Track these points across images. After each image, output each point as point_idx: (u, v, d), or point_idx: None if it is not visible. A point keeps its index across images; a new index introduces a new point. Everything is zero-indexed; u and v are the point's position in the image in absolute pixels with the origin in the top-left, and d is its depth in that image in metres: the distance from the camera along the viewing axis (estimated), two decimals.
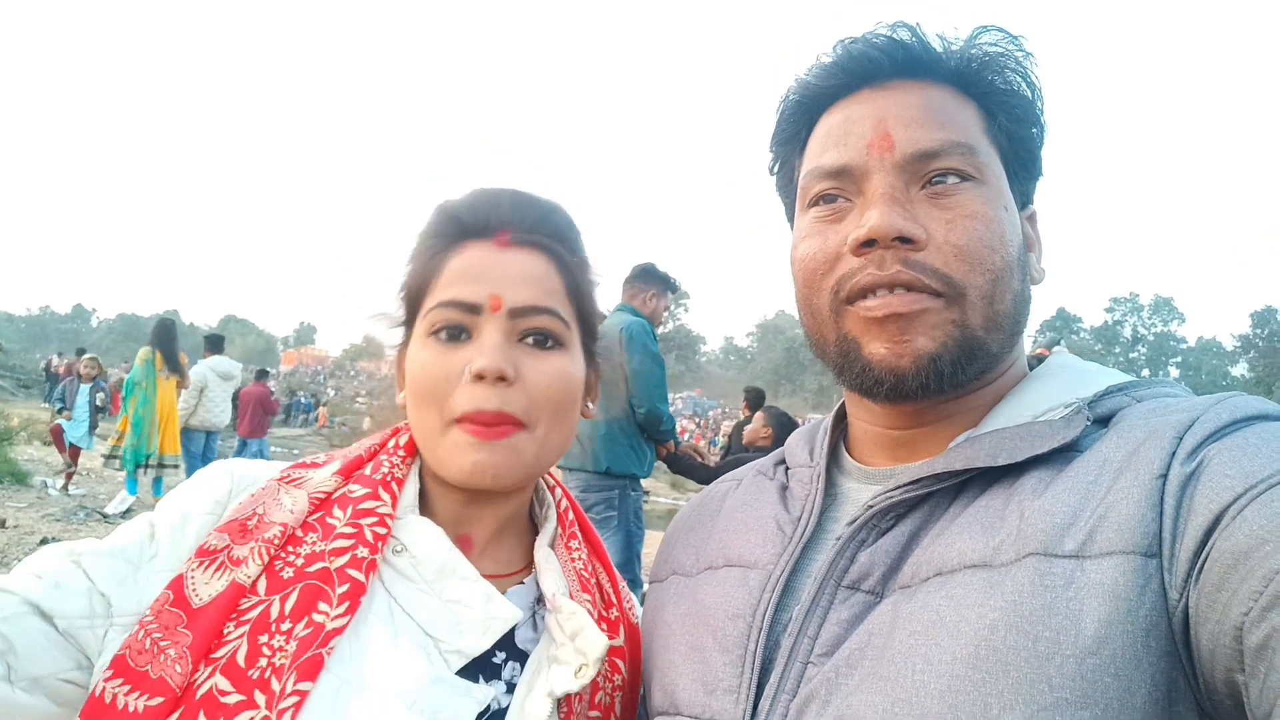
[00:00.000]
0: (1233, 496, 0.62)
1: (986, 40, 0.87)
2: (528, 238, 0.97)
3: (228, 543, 0.87)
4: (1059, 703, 0.62)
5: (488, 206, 0.98)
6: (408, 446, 1.00)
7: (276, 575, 0.85)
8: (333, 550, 0.87)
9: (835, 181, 0.86)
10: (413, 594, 0.90)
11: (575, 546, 1.05)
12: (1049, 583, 0.66)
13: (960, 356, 0.81)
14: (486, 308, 0.92)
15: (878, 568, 0.79)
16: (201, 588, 0.84)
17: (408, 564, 0.91)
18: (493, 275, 0.94)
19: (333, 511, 0.91)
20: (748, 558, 0.91)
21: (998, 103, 0.87)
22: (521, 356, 0.93)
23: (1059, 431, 0.77)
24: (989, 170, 0.84)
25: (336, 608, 0.84)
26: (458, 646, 0.88)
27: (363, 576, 0.86)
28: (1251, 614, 0.57)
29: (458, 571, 0.92)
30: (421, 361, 0.94)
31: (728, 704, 0.81)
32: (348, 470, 0.97)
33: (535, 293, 0.95)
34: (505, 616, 0.91)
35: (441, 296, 0.94)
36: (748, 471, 1.09)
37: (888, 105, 0.85)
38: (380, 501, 0.93)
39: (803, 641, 0.79)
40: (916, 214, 0.81)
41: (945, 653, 0.68)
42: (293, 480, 0.95)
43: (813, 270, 0.86)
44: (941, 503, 0.80)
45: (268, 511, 0.90)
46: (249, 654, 0.80)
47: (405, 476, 0.98)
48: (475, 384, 0.90)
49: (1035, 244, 0.93)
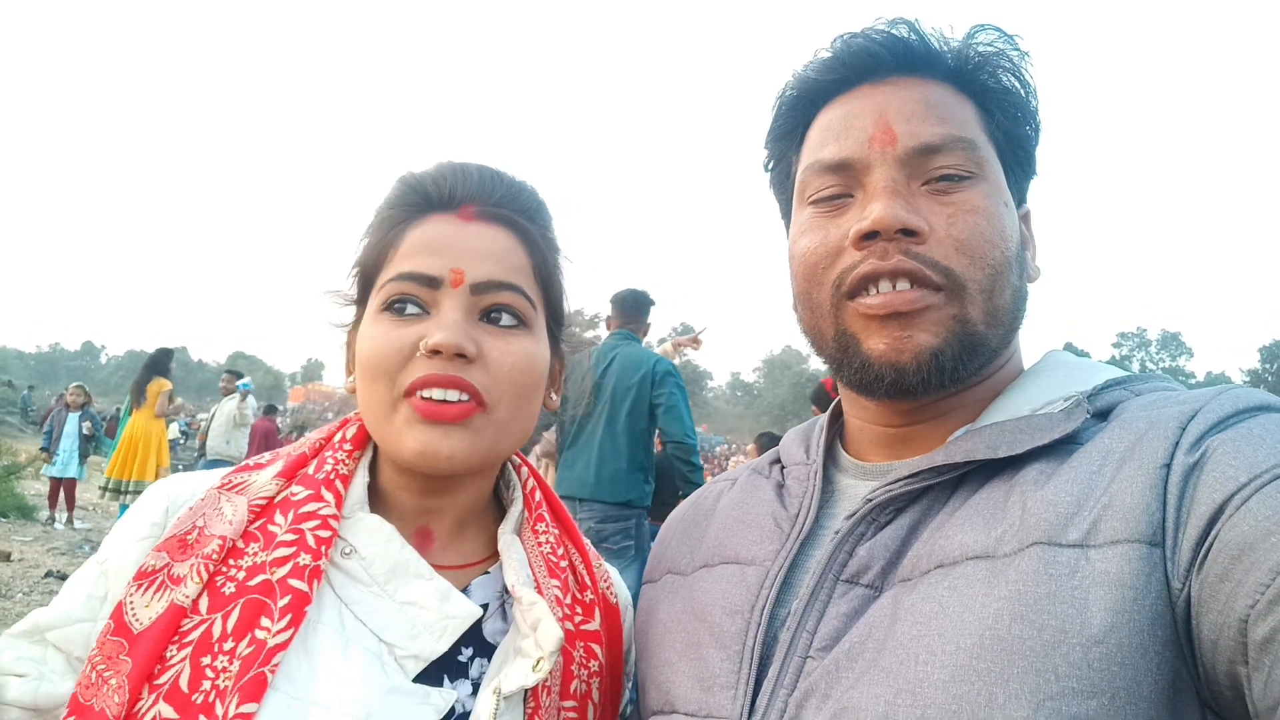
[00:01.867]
0: (1236, 486, 0.62)
1: (983, 39, 0.88)
2: (494, 211, 0.92)
3: (166, 561, 0.82)
4: (1065, 692, 0.61)
5: (453, 178, 0.92)
6: (355, 439, 0.95)
7: (218, 591, 0.80)
8: (274, 560, 0.82)
9: (836, 175, 0.86)
10: (365, 598, 0.85)
11: (543, 529, 1.00)
12: (1054, 572, 0.65)
13: (961, 352, 0.81)
14: (446, 282, 0.87)
15: (877, 561, 0.78)
16: (141, 611, 0.79)
17: (357, 566, 0.86)
18: (455, 248, 0.88)
19: (274, 518, 0.85)
20: (745, 554, 0.90)
21: (994, 101, 0.87)
22: (483, 335, 0.88)
23: (1059, 424, 0.77)
24: (989, 166, 0.84)
25: (278, 622, 0.79)
26: (413, 651, 0.84)
27: (305, 586, 0.81)
28: (1257, 607, 0.56)
29: (410, 569, 0.87)
30: (372, 335, 0.88)
31: (725, 700, 0.80)
32: (290, 470, 0.91)
33: (499, 268, 0.89)
34: (462, 615, 0.87)
35: (398, 269, 0.88)
36: (743, 471, 1.08)
37: (888, 100, 0.85)
38: (323, 503, 0.87)
39: (801, 636, 0.78)
40: (918, 207, 0.81)
41: (949, 643, 0.67)
42: (234, 486, 0.89)
43: (813, 264, 0.86)
44: (941, 496, 0.80)
45: (207, 523, 0.84)
46: (191, 677, 0.76)
47: (352, 472, 0.92)
48: (430, 359, 0.85)
49: (1030, 243, 0.93)
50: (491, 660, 0.89)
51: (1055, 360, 0.89)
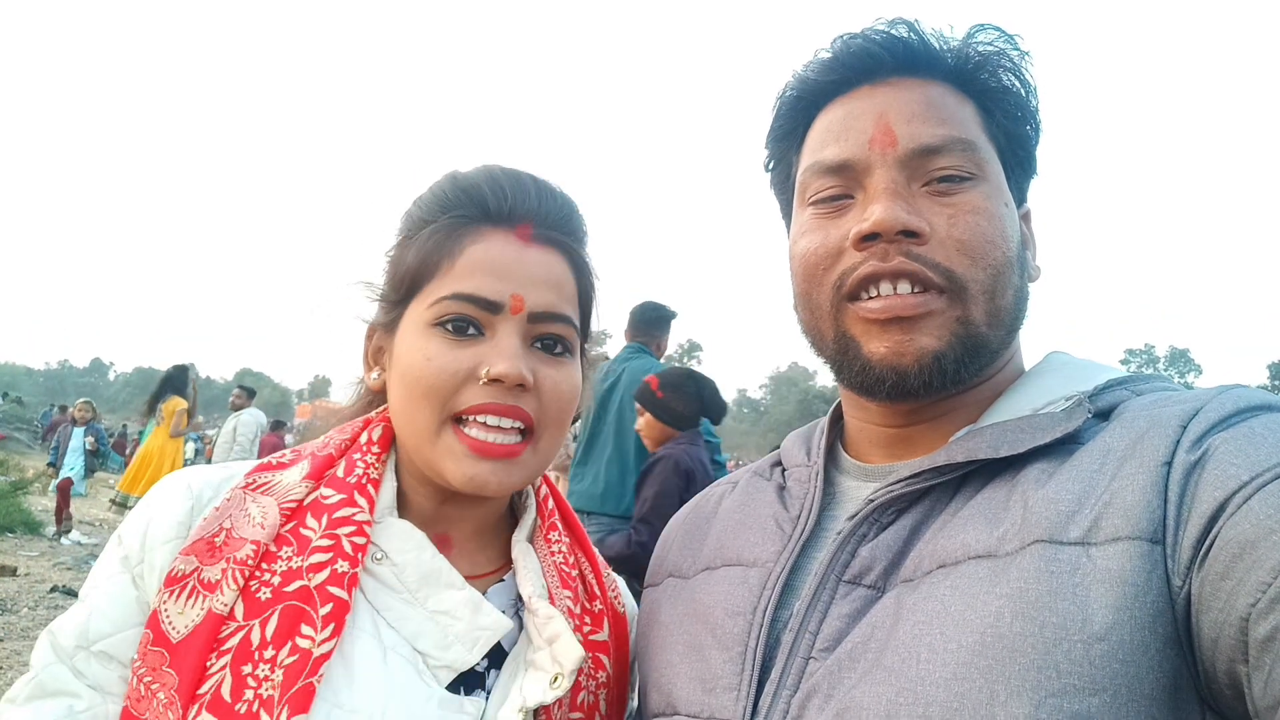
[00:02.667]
0: (1238, 485, 0.61)
1: (983, 39, 0.87)
2: (550, 235, 0.92)
3: (196, 565, 0.80)
4: (1067, 689, 0.61)
5: (514, 192, 0.91)
6: (381, 441, 0.93)
7: (253, 597, 0.79)
8: (311, 566, 0.81)
9: (836, 177, 0.86)
10: (396, 605, 0.85)
11: (555, 538, 0.99)
12: (1055, 569, 0.65)
13: (964, 354, 0.80)
14: (507, 308, 0.87)
15: (879, 562, 0.78)
16: (176, 619, 0.78)
17: (389, 572, 0.86)
18: (515, 274, 0.88)
19: (306, 521, 0.84)
20: (747, 556, 0.90)
21: (995, 101, 0.87)
22: (536, 363, 0.88)
23: (1060, 423, 0.77)
24: (989, 166, 0.84)
25: (322, 631, 0.78)
26: (446, 661, 0.83)
27: (345, 594, 0.80)
28: (1259, 605, 0.56)
29: (441, 578, 0.86)
30: (427, 353, 0.86)
31: (727, 701, 0.79)
32: (318, 471, 0.89)
33: (555, 298, 0.90)
34: (494, 627, 0.86)
35: (457, 288, 0.87)
36: (743, 474, 1.08)
37: (889, 101, 0.85)
38: (357, 508, 0.86)
39: (804, 637, 0.78)
40: (919, 209, 0.81)
41: (951, 642, 0.67)
42: (259, 487, 0.87)
43: (814, 265, 0.86)
44: (943, 497, 0.80)
45: (236, 525, 0.83)
46: (234, 687, 0.75)
47: (381, 476, 0.91)
48: (489, 387, 0.85)
49: (1030, 242, 0.93)
50: (502, 671, 0.88)
51: (1057, 360, 0.89)
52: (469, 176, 0.93)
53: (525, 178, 0.93)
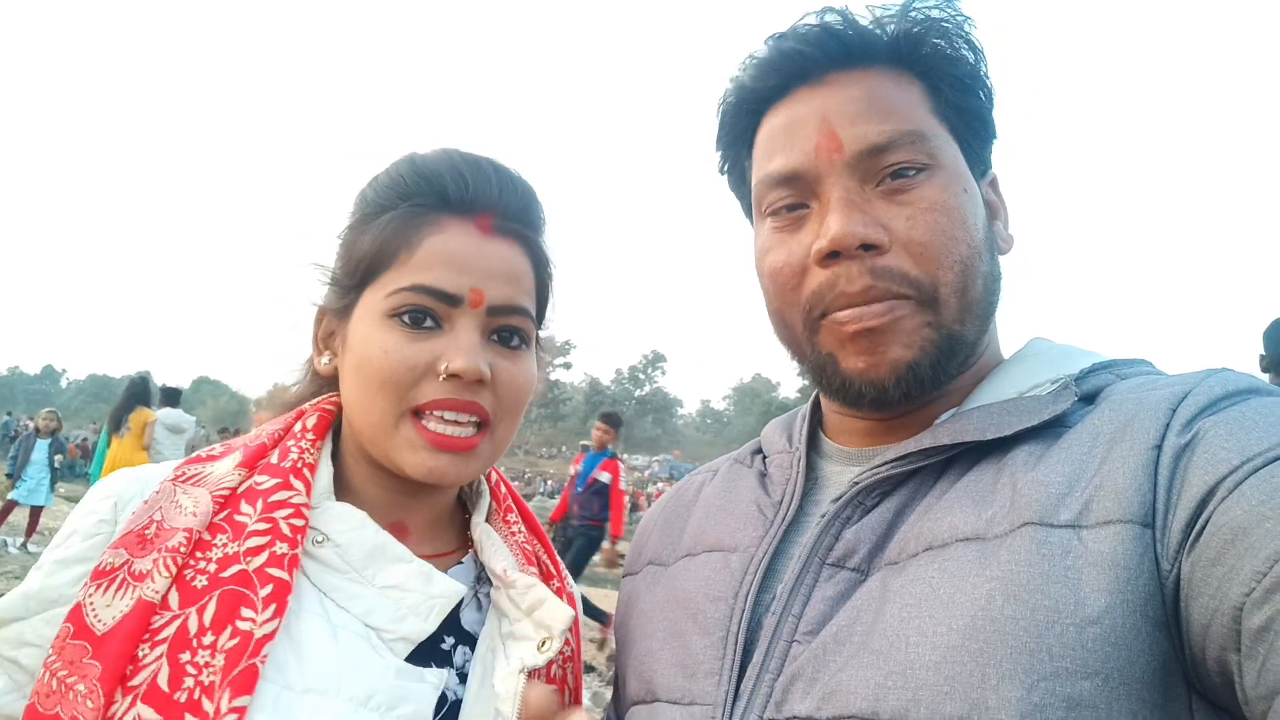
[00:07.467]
0: (1229, 469, 0.61)
1: (920, 7, 0.84)
2: (510, 226, 0.91)
3: (126, 558, 0.79)
4: (1059, 672, 0.60)
5: (475, 181, 0.90)
6: (316, 428, 0.92)
7: (188, 585, 0.78)
8: (248, 550, 0.80)
9: (789, 188, 0.83)
10: (344, 585, 0.84)
11: (514, 519, 1.00)
12: (1046, 552, 0.65)
13: (939, 357, 0.80)
14: (466, 301, 0.86)
15: (863, 545, 0.77)
16: (103, 611, 0.76)
17: (332, 554, 0.85)
18: (475, 267, 0.87)
19: (240, 508, 0.83)
20: (728, 542, 0.89)
21: (940, 76, 0.84)
22: (493, 356, 0.88)
23: (1048, 406, 0.76)
24: (942, 154, 0.82)
25: (263, 612, 0.77)
26: (401, 633, 0.83)
27: (286, 575, 0.80)
28: (1253, 594, 0.55)
29: (387, 553, 0.86)
30: (384, 346, 0.86)
31: (709, 686, 0.79)
32: (251, 460, 0.88)
33: (513, 290, 0.90)
34: (448, 594, 0.87)
35: (416, 279, 0.86)
36: (723, 462, 1.07)
37: (828, 103, 0.82)
38: (294, 490, 0.85)
39: (787, 620, 0.77)
40: (876, 213, 0.79)
41: (940, 625, 0.66)
42: (189, 478, 0.86)
43: (782, 284, 0.84)
44: (927, 479, 0.79)
45: (166, 517, 0.81)
46: (172, 676, 0.73)
47: (316, 461, 0.90)
48: (448, 382, 0.85)
49: (1000, 209, 0.91)
50: (476, 649, 0.89)
51: (1039, 346, 0.89)
52: (429, 162, 0.92)
53: (486, 165, 0.92)
